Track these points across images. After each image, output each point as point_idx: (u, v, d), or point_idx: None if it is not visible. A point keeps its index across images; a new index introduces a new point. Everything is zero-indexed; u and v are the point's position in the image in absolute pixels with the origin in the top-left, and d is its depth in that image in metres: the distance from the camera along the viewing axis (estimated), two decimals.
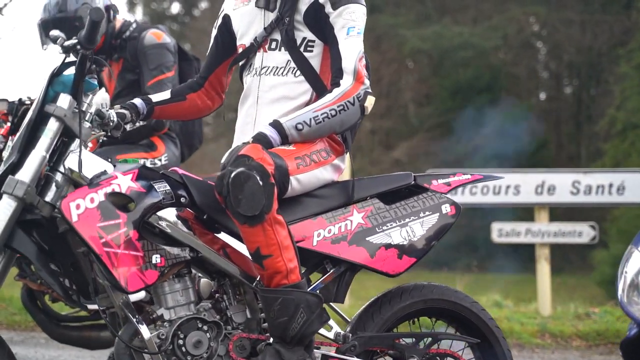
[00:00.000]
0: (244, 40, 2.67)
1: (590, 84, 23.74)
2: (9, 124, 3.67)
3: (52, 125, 2.22)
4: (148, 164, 3.81)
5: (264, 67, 2.60)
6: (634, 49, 16.52)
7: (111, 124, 2.43)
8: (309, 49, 2.56)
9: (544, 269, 6.03)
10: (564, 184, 5.88)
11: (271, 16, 2.60)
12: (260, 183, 2.19)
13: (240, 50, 2.68)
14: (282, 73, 2.57)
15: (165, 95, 2.78)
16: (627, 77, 17.31)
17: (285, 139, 2.40)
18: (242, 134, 2.61)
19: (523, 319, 5.63)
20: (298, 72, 2.56)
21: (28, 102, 3.53)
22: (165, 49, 3.86)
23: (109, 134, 2.47)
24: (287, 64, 2.57)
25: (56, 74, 2.28)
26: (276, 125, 2.40)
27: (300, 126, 2.39)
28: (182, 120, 4.00)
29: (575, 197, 5.85)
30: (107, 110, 2.42)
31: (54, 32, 2.21)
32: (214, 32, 2.80)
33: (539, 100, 24.38)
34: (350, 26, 2.48)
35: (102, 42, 3.88)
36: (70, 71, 2.29)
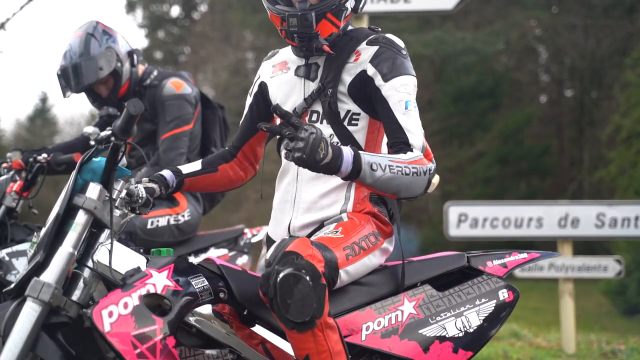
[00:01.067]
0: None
1: (592, 89, 23.59)
2: (18, 178, 3.47)
3: (81, 219, 2.02)
4: (172, 221, 3.64)
5: None
6: None
7: (140, 200, 2.24)
8: (353, 122, 2.37)
9: (567, 304, 5.84)
10: (588, 217, 5.70)
11: (312, 86, 2.41)
12: (311, 284, 1.99)
13: (278, 121, 2.49)
14: None
15: (196, 166, 2.58)
16: (633, 84, 17.14)
17: (356, 174, 2.08)
18: (281, 213, 2.42)
19: (547, 358, 5.44)
20: None
21: (43, 160, 3.33)
22: (184, 100, 3.67)
23: (137, 211, 2.28)
24: (330, 138, 2.37)
25: (85, 162, 2.08)
26: (356, 155, 2.09)
27: (375, 167, 2.10)
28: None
29: (600, 230, 5.67)
30: (136, 187, 2.23)
31: (88, 129, 2.02)
32: (249, 99, 2.61)
33: (541, 105, 24.23)
34: (407, 100, 2.29)
35: (127, 88, 3.71)
36: (101, 157, 2.10)
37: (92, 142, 2.08)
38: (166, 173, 2.48)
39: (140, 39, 25.51)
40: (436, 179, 2.31)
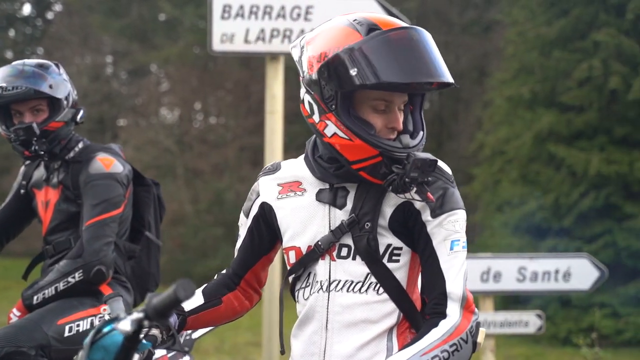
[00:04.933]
0: (296, 242, 2.10)
1: (450, 103, 24.35)
2: None
3: None
4: (97, 322, 3.13)
5: (333, 281, 2.04)
6: (507, 80, 16.88)
7: (142, 355, 1.84)
8: (394, 258, 2.03)
9: None
10: (510, 270, 5.65)
11: (340, 215, 2.05)
12: None
13: (291, 254, 2.11)
14: (359, 289, 2.03)
15: (198, 300, 2.21)
16: (496, 104, 17.73)
17: None
18: None
19: None
20: (381, 289, 2.02)
21: None
22: (114, 181, 3.19)
23: None
24: (366, 278, 2.03)
25: (96, 339, 1.64)
26: None
27: None
28: (136, 262, 3.37)
29: (521, 284, 5.63)
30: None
31: (124, 327, 1.57)
32: (247, 222, 2.22)
33: None
34: (454, 239, 2.00)
35: (57, 129, 3.22)
36: (112, 327, 1.66)
37: (118, 327, 1.62)
38: None
39: None
40: (481, 336, 2.03)
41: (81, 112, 3.31)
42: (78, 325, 3.08)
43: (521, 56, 16.49)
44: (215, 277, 2.30)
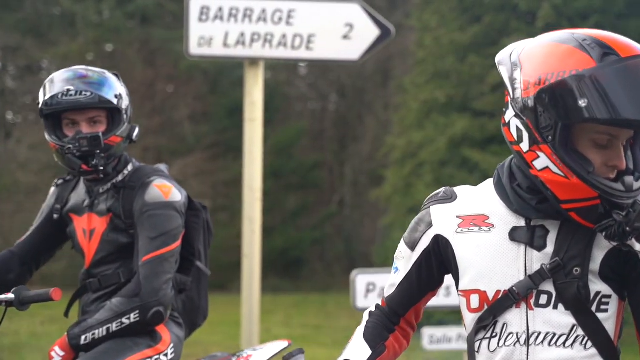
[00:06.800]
0: (481, 285, 1.85)
1: (355, 106, 24.45)
2: None
3: None
4: None
5: (533, 333, 1.82)
6: (420, 84, 17.06)
7: None
8: (602, 307, 1.81)
9: None
10: None
11: (538, 258, 1.82)
12: None
13: (474, 299, 1.87)
14: (564, 343, 1.81)
15: (366, 352, 1.96)
16: (406, 108, 17.91)
17: None
18: None
19: None
20: (589, 343, 1.81)
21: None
22: (173, 210, 2.84)
23: None
24: (572, 331, 1.81)
25: None
26: None
27: None
28: (187, 296, 3.05)
29: None
30: None
31: None
32: (411, 255, 1.95)
33: (308, 120, 24.73)
34: None
35: (115, 144, 2.86)
36: None
37: None
38: None
39: None
40: None
41: (137, 130, 2.95)
42: None
43: (435, 61, 16.69)
44: (367, 317, 2.04)
